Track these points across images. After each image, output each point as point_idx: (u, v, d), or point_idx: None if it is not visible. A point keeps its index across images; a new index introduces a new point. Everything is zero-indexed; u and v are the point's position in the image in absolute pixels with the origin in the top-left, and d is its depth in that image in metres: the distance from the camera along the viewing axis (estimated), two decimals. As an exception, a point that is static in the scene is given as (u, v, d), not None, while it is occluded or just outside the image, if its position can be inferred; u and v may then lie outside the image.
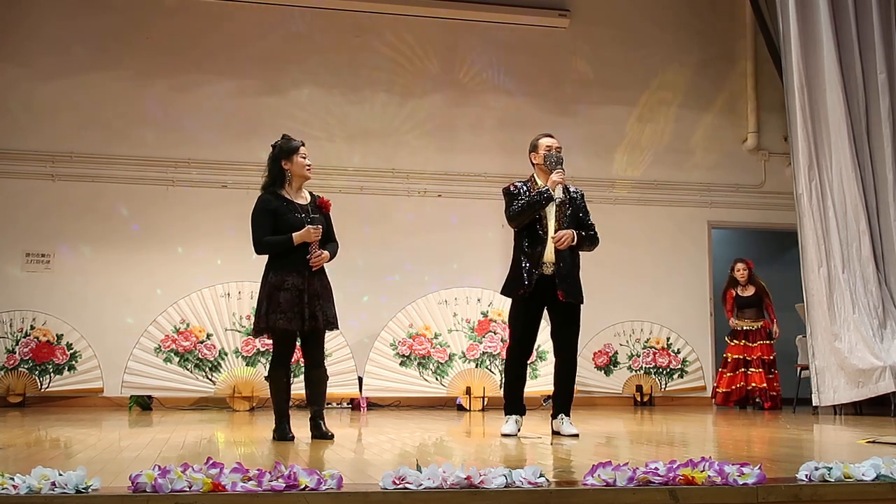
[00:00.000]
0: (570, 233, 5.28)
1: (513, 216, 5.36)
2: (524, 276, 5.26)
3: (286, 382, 4.99)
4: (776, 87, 9.46)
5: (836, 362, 7.76)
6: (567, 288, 5.27)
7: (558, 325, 5.38)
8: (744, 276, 9.49)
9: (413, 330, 9.01)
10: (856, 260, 7.88)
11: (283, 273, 4.87)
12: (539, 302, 5.32)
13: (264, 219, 4.94)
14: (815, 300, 7.95)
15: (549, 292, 5.28)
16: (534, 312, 5.36)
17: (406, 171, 9.74)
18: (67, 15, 9.27)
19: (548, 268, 5.27)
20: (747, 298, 9.46)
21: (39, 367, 8.61)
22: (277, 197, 4.99)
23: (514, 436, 5.20)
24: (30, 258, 8.93)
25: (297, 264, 4.89)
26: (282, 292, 4.83)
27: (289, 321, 4.81)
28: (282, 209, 4.95)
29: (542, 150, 5.43)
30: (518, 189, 5.42)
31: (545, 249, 5.28)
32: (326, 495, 2.48)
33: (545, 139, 5.50)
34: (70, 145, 9.11)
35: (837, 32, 8.11)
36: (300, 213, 4.96)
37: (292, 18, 9.70)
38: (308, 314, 4.84)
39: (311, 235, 4.89)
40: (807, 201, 8.02)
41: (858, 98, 8.14)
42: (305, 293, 4.86)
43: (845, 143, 7.96)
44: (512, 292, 5.36)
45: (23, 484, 2.39)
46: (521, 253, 5.33)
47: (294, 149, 5.05)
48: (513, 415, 5.32)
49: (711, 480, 2.68)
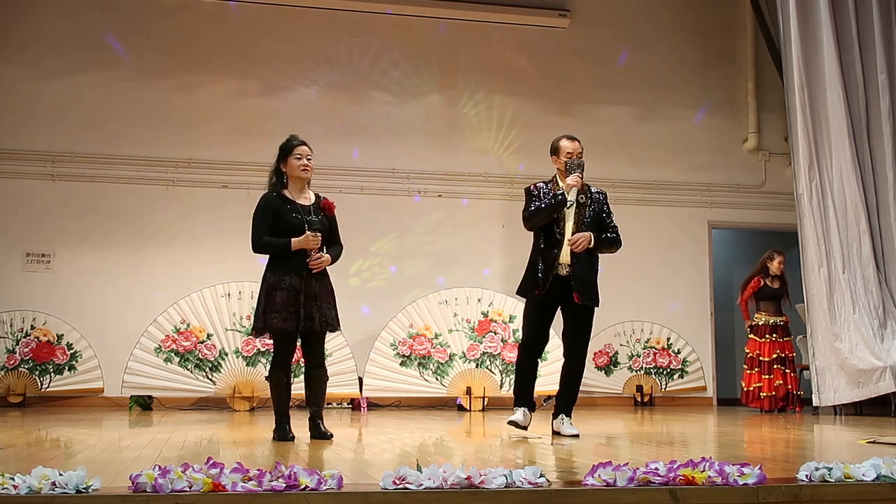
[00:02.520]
0: (586, 235, 5.25)
1: (528, 218, 5.35)
2: (539, 278, 5.25)
3: (286, 383, 4.97)
4: (776, 87, 9.47)
5: (836, 362, 7.76)
6: (582, 290, 5.25)
7: (571, 327, 5.38)
8: (780, 269, 8.89)
9: (413, 330, 9.01)
10: (856, 260, 7.88)
11: (280, 273, 4.85)
12: (553, 303, 5.31)
13: (264, 219, 4.92)
14: (816, 300, 7.95)
15: (564, 293, 5.27)
16: (548, 313, 5.35)
17: (406, 172, 9.75)
18: (68, 15, 9.28)
19: (563, 269, 5.26)
20: (775, 290, 8.88)
21: (40, 367, 8.61)
22: (279, 197, 4.97)
23: (523, 427, 5.19)
24: (30, 258, 8.93)
25: (296, 265, 4.86)
26: (278, 292, 4.81)
27: (284, 321, 4.78)
28: (282, 209, 4.92)
29: (563, 156, 5.41)
30: (539, 190, 5.39)
31: (561, 252, 5.26)
32: (327, 495, 2.48)
33: (566, 143, 5.46)
34: (70, 145, 9.11)
35: (838, 32, 8.11)
36: (300, 214, 4.92)
37: (292, 18, 9.70)
38: (304, 315, 4.81)
39: (309, 243, 4.85)
40: (807, 201, 8.02)
41: (859, 98, 8.14)
42: (302, 294, 4.83)
43: (845, 142, 7.96)
44: (527, 293, 5.35)
45: (23, 484, 2.39)
46: (538, 254, 5.32)
47: (289, 150, 4.99)
48: (522, 407, 5.30)
49: (712, 481, 2.68)
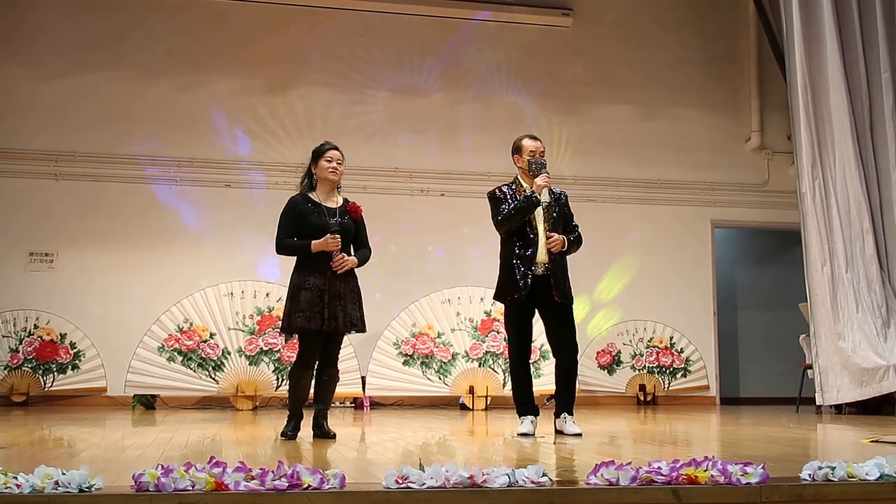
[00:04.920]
0: (561, 238, 5.29)
1: (501, 222, 5.33)
2: (518, 280, 5.24)
3: (305, 384, 5.01)
4: (779, 85, 9.45)
5: (839, 361, 7.75)
6: (561, 288, 5.27)
7: (555, 325, 5.35)
8: None
9: (416, 329, 9.01)
10: (859, 259, 7.86)
11: (305, 274, 4.93)
12: (531, 303, 5.32)
13: (288, 220, 5.03)
14: (819, 299, 7.93)
15: (541, 293, 5.27)
16: (529, 315, 5.36)
17: (409, 171, 9.74)
18: (70, 14, 9.28)
19: (540, 268, 5.27)
20: None
21: (43, 366, 8.62)
22: (306, 199, 5.07)
23: (531, 435, 5.17)
24: (33, 257, 8.94)
25: (320, 266, 4.92)
26: (303, 292, 4.89)
27: (308, 320, 4.84)
28: (307, 211, 5.01)
29: (525, 155, 5.38)
30: (504, 194, 5.37)
31: (537, 251, 5.27)
32: (329, 494, 2.48)
33: (528, 142, 5.43)
34: (73, 145, 9.12)
35: (841, 31, 8.10)
36: (324, 216, 4.99)
37: (295, 17, 9.70)
38: (328, 314, 4.87)
39: (328, 246, 4.91)
40: (810, 200, 8.01)
41: (862, 96, 8.13)
42: (326, 293, 4.89)
43: (849, 141, 7.95)
44: (506, 297, 5.33)
45: (26, 483, 2.39)
46: (513, 256, 5.30)
47: (320, 153, 5.11)
48: (527, 416, 5.30)
49: (714, 480, 2.67)
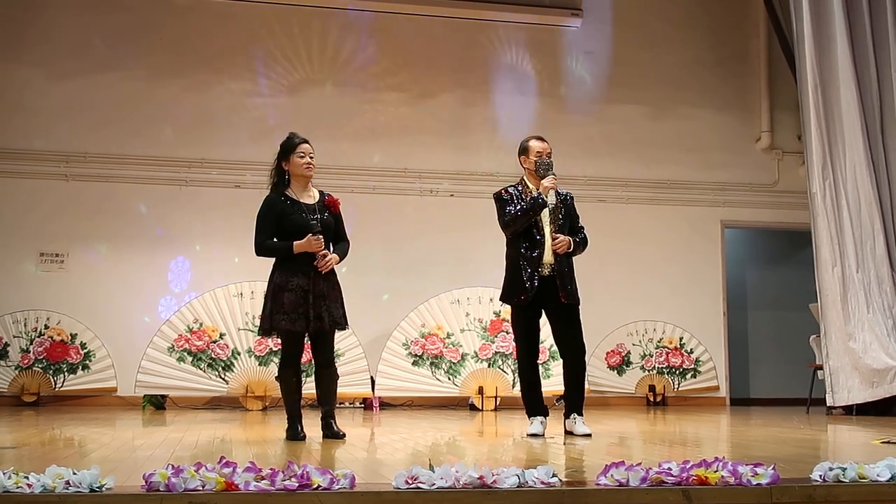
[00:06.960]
0: (567, 239, 5.29)
1: (508, 223, 5.31)
2: (524, 282, 5.22)
3: (296, 382, 4.92)
4: (790, 85, 9.42)
5: (850, 362, 7.72)
6: (567, 289, 5.27)
7: (561, 326, 5.34)
8: None
9: (425, 329, 9.01)
10: (870, 259, 7.83)
11: (287, 274, 4.79)
12: (538, 304, 5.31)
13: (267, 221, 4.86)
14: (829, 300, 7.91)
15: (548, 294, 5.26)
16: (536, 316, 5.36)
17: (419, 171, 9.74)
18: (81, 15, 9.31)
19: (546, 269, 5.26)
20: None
21: (53, 366, 8.65)
22: (282, 197, 4.90)
23: (541, 436, 5.16)
24: (44, 258, 8.97)
25: (303, 265, 4.80)
26: (286, 293, 4.75)
27: (293, 322, 4.74)
28: (287, 210, 4.86)
29: (532, 156, 5.37)
30: (510, 195, 5.35)
31: (543, 252, 5.27)
32: (339, 495, 2.48)
33: (535, 143, 5.40)
34: (84, 145, 9.15)
35: (851, 30, 8.07)
36: (305, 213, 4.86)
37: (303, 18, 9.71)
38: (313, 315, 4.76)
39: (311, 246, 4.78)
40: (820, 200, 7.98)
41: (873, 96, 8.10)
42: (311, 294, 4.77)
43: (859, 141, 7.92)
44: (513, 298, 5.32)
45: (37, 483, 2.40)
46: (520, 257, 5.28)
47: (291, 147, 4.92)
48: (537, 416, 5.29)
49: (725, 481, 2.66)
